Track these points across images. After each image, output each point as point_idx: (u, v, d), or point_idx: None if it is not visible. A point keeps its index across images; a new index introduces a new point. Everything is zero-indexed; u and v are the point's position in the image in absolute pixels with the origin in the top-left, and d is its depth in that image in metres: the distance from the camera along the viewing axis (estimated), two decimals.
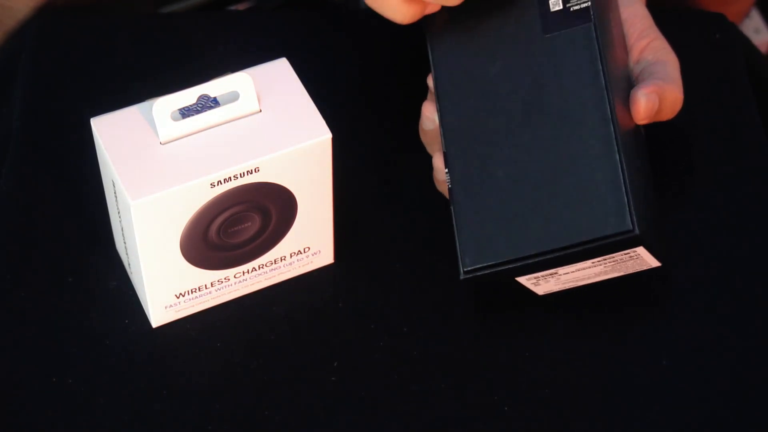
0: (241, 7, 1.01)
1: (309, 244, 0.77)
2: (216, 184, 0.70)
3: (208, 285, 0.76)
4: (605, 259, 0.71)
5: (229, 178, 0.70)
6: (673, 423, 0.73)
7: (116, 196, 0.71)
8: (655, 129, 0.82)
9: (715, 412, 0.73)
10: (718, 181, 0.82)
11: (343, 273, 0.79)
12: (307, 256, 0.78)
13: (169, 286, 0.74)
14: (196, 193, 0.70)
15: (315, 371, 0.74)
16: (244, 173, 0.71)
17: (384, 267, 0.79)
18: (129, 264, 0.76)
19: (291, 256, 0.77)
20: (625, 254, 0.71)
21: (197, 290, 0.75)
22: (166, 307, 0.75)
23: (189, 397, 0.73)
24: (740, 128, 0.85)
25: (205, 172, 0.70)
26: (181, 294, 0.75)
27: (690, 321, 0.76)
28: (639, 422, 0.73)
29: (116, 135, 0.71)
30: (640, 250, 0.70)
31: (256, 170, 0.71)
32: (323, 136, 0.72)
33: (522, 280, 0.73)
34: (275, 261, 0.77)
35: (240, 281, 0.77)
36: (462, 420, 0.73)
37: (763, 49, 1.37)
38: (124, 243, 0.74)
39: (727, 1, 1.13)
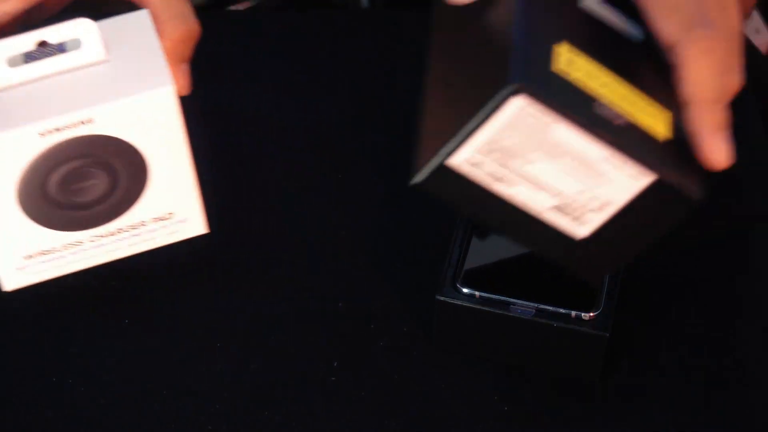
0: (241, 7, 1.01)
1: (171, 209, 0.74)
2: (45, 133, 0.67)
3: (60, 247, 0.73)
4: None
5: (60, 128, 0.68)
6: (673, 423, 0.73)
7: None
8: None
9: (716, 412, 0.73)
10: (719, 181, 0.82)
11: (342, 270, 0.79)
12: (173, 223, 0.74)
13: (16, 246, 0.72)
14: (26, 143, 0.67)
15: (315, 371, 0.74)
16: (76, 123, 0.68)
17: (378, 265, 0.79)
18: None
19: (153, 222, 0.74)
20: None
21: (48, 252, 0.73)
22: (16, 269, 0.73)
23: (190, 397, 0.73)
24: (740, 128, 0.85)
25: (32, 120, 0.67)
26: (30, 256, 0.72)
27: (690, 321, 0.76)
28: (639, 422, 0.73)
29: None
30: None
31: (89, 121, 0.68)
32: (163, 87, 0.69)
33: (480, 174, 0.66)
34: (134, 226, 0.74)
35: (97, 246, 0.74)
36: (462, 420, 0.73)
37: (763, 49, 1.37)
38: None
39: None
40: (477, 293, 0.72)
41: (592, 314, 0.71)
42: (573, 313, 0.71)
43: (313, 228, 0.81)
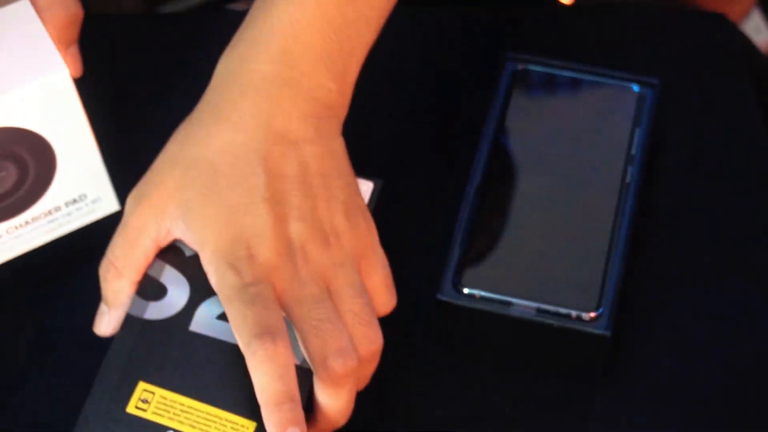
0: (241, 7, 1.01)
1: (84, 191, 0.74)
2: None
3: None
4: None
5: None
6: (673, 423, 0.73)
7: None
8: (655, 129, 0.82)
9: (716, 412, 0.73)
10: (719, 181, 0.82)
11: None
12: (87, 204, 0.75)
13: None
14: None
15: None
16: None
17: None
18: None
19: (67, 206, 0.74)
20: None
21: None
22: None
23: None
24: (740, 128, 0.85)
25: None
26: None
27: (690, 321, 0.76)
28: (640, 422, 0.73)
29: None
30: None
31: None
32: (60, 73, 0.69)
33: None
34: (50, 212, 0.74)
35: (16, 237, 0.74)
36: (462, 420, 0.73)
37: (763, 49, 1.37)
38: None
39: (728, 1, 1.13)
40: (477, 293, 0.72)
41: (592, 314, 0.71)
42: (574, 312, 0.71)
43: None
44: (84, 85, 0.87)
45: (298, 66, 0.69)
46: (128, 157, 0.78)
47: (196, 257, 0.69)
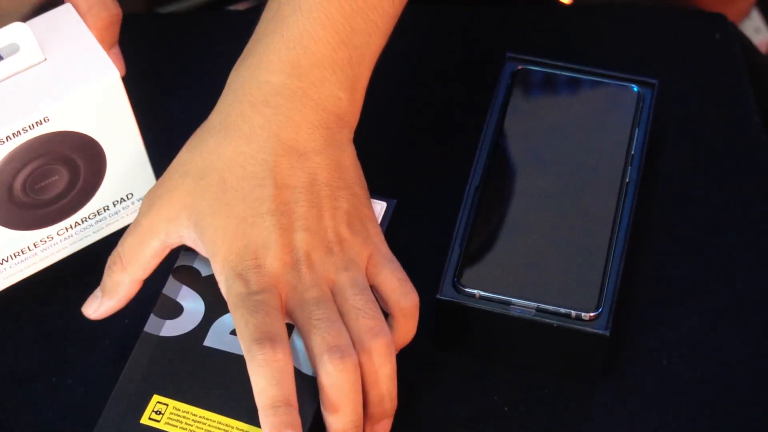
0: (241, 7, 1.01)
1: (131, 190, 0.76)
2: (5, 140, 0.69)
3: (32, 246, 0.74)
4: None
5: (19, 131, 0.69)
6: (673, 423, 0.73)
7: None
8: (655, 129, 0.82)
9: (715, 412, 0.73)
10: (718, 181, 0.82)
11: None
12: (133, 203, 0.77)
13: None
14: None
15: None
16: (33, 125, 0.69)
17: None
18: None
19: (114, 205, 0.76)
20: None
21: (21, 253, 0.74)
22: None
23: None
24: (740, 128, 0.85)
25: None
26: (4, 260, 0.74)
27: (689, 321, 0.76)
28: (639, 422, 0.73)
29: None
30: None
31: (46, 120, 0.69)
32: (111, 75, 0.71)
33: None
34: (99, 212, 0.75)
35: (66, 237, 0.75)
36: (462, 420, 0.73)
37: (763, 49, 1.37)
38: None
39: (727, 1, 1.13)
40: (477, 293, 0.72)
41: (592, 314, 0.71)
42: (573, 312, 0.71)
43: None
44: None
45: (307, 77, 0.70)
46: None
47: (211, 278, 0.71)
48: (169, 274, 0.73)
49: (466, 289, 0.72)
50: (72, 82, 0.70)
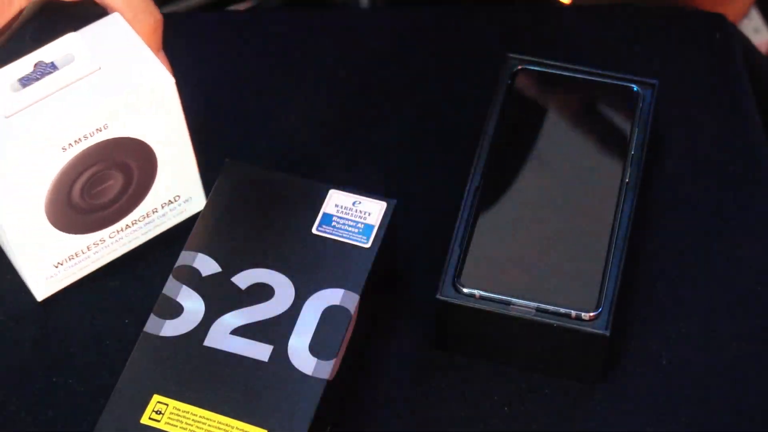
0: (241, 7, 1.01)
1: (178, 192, 0.78)
2: (67, 147, 0.70)
3: (85, 249, 0.76)
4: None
5: (79, 139, 0.70)
6: (672, 422, 0.73)
7: None
8: (655, 129, 0.82)
9: (715, 412, 0.73)
10: (718, 181, 0.82)
11: None
12: (180, 205, 0.78)
13: (45, 257, 0.75)
14: (50, 159, 0.70)
15: None
16: (93, 132, 0.70)
17: None
18: (4, 243, 0.75)
19: (162, 207, 0.78)
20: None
21: (75, 256, 0.76)
22: (47, 279, 0.76)
23: None
24: (740, 128, 0.85)
25: (53, 137, 0.69)
26: (59, 263, 0.75)
27: (689, 321, 0.76)
28: (639, 422, 0.73)
29: None
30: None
31: (105, 127, 0.71)
32: (165, 80, 0.72)
33: None
34: (147, 215, 0.77)
35: (116, 240, 0.77)
36: (462, 420, 0.73)
37: (763, 49, 1.37)
38: None
39: (726, 1, 1.13)
40: (477, 293, 0.72)
41: (592, 314, 0.71)
42: (573, 312, 0.71)
43: None
44: None
45: None
46: None
47: (210, 278, 0.72)
48: (169, 274, 0.73)
49: (466, 289, 0.72)
50: (128, 88, 0.71)
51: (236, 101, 0.84)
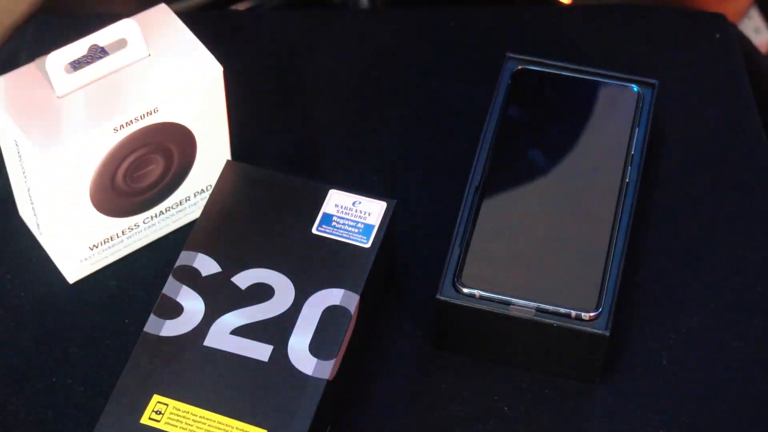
0: (241, 7, 1.01)
1: (211, 182, 0.79)
2: (118, 128, 0.71)
3: (120, 233, 0.77)
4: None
5: (131, 121, 0.71)
6: (673, 423, 0.73)
7: (20, 156, 0.72)
8: (655, 129, 0.82)
9: (715, 411, 0.73)
10: (718, 181, 0.82)
11: None
12: (208, 194, 0.79)
13: (83, 239, 0.75)
14: (101, 140, 0.71)
15: None
16: (144, 115, 0.72)
17: None
18: (38, 224, 0.76)
19: (195, 196, 0.79)
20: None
21: (110, 240, 0.77)
22: (81, 261, 0.76)
23: None
24: (740, 128, 0.85)
25: (106, 118, 0.71)
26: (94, 246, 0.76)
27: (689, 320, 0.76)
28: (639, 422, 0.73)
29: (13, 95, 0.72)
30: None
31: (156, 111, 0.72)
32: (215, 69, 0.74)
33: None
34: (180, 202, 0.78)
35: (149, 226, 0.78)
36: (462, 420, 0.73)
37: (763, 49, 1.37)
38: (32, 204, 0.75)
39: (726, 1, 1.13)
40: (477, 293, 0.72)
41: (592, 314, 0.71)
42: (573, 312, 0.71)
43: None
44: None
45: None
46: None
47: (210, 278, 0.72)
48: (169, 274, 0.73)
49: (466, 289, 0.72)
50: (179, 75, 0.73)
51: (236, 101, 0.84)
